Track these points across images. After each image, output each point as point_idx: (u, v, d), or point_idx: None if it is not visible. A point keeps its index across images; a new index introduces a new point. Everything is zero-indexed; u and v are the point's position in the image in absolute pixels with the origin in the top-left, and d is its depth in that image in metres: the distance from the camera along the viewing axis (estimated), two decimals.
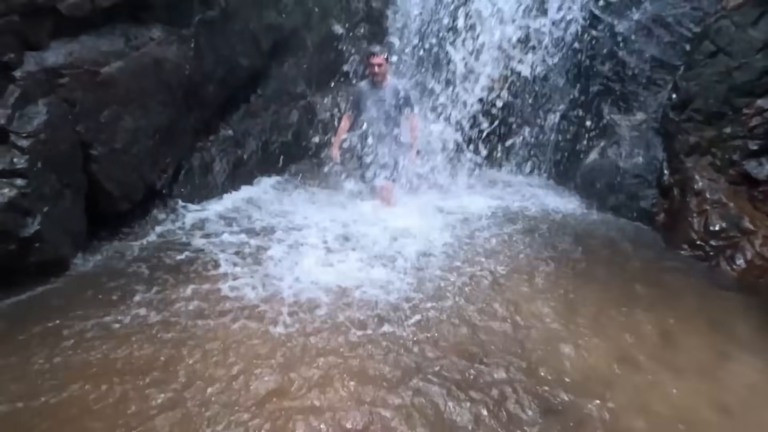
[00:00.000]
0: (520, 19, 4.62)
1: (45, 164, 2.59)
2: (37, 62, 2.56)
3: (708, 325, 2.62)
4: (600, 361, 2.27)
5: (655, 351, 2.36)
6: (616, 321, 2.59)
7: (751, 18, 3.29)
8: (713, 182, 3.34)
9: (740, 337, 2.51)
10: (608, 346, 2.38)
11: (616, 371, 2.21)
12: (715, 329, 2.58)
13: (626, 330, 2.51)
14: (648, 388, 2.12)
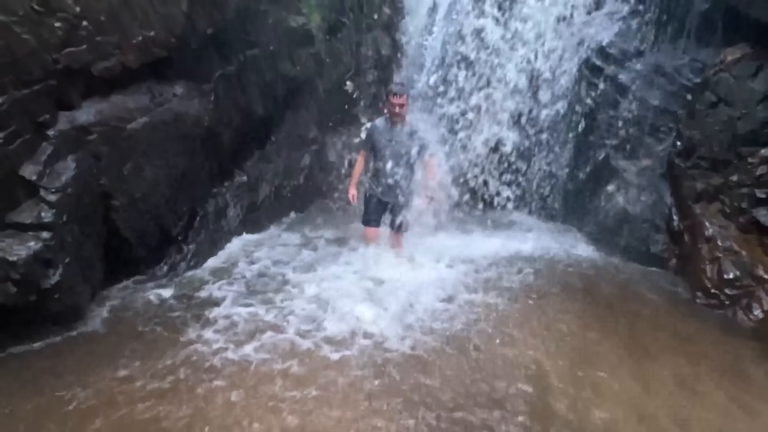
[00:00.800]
0: (525, 66, 4.83)
1: (69, 217, 2.68)
2: (69, 121, 2.70)
3: (726, 374, 2.58)
4: (618, 414, 2.23)
5: (672, 402, 2.32)
6: (632, 370, 2.56)
7: (750, 71, 3.41)
8: (723, 229, 3.37)
9: (760, 388, 2.46)
10: (625, 397, 2.34)
11: (635, 425, 2.17)
12: (733, 379, 2.54)
13: (643, 380, 2.47)
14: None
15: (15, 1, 2.28)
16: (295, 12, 4.68)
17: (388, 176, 3.63)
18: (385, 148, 3.61)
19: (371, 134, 3.71)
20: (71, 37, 2.57)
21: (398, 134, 3.57)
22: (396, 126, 3.57)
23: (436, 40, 6.75)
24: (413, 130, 3.60)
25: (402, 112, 3.49)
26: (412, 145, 3.57)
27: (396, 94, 3.47)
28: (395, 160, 3.60)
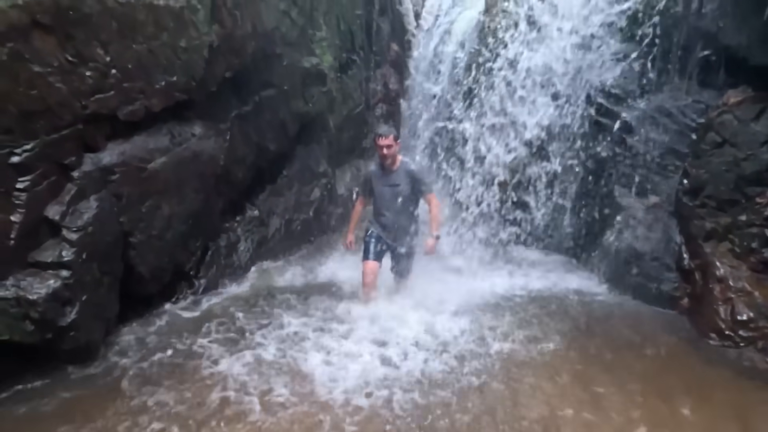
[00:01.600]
0: (530, 104, 4.96)
1: (89, 255, 2.74)
2: (93, 162, 2.81)
3: (744, 420, 2.52)
4: None
5: None
6: (646, 416, 2.51)
7: (752, 113, 3.48)
8: (735, 269, 3.36)
9: None
10: None
11: None
12: (752, 425, 2.48)
13: (658, 425, 2.42)
14: None
15: (51, 53, 2.43)
16: (308, 53, 4.89)
17: (389, 223, 3.54)
18: (382, 195, 3.52)
19: (368, 180, 3.62)
20: (100, 84, 2.71)
21: (393, 177, 3.48)
22: (389, 169, 3.46)
23: (442, 77, 6.99)
24: (407, 169, 3.49)
25: (390, 154, 3.38)
26: (409, 187, 3.47)
27: (381, 136, 3.39)
28: (393, 204, 3.50)
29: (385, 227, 3.57)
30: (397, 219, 3.53)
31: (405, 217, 3.55)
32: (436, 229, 3.53)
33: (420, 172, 3.62)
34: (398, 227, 3.55)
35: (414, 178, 3.49)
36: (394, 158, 3.45)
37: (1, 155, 2.34)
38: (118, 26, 2.73)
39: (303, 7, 4.57)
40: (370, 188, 3.60)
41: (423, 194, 3.54)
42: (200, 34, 3.30)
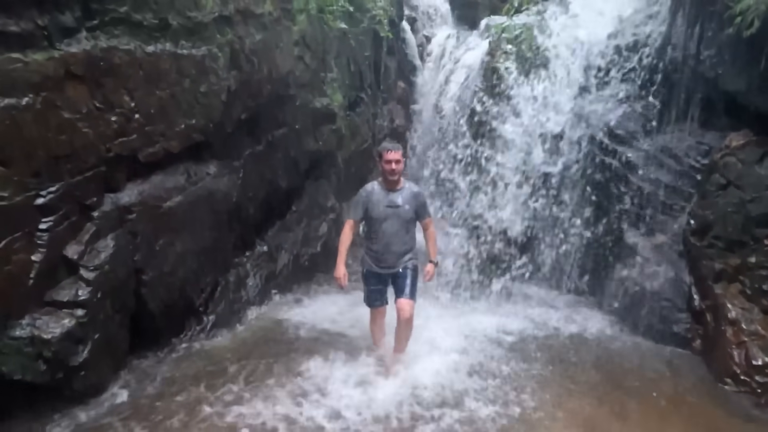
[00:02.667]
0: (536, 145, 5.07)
1: (103, 293, 2.78)
2: (113, 202, 2.89)
3: None
4: None
5: None
6: None
7: (756, 156, 3.55)
8: (747, 312, 3.33)
9: None
10: None
11: None
12: None
13: None
14: None
15: (81, 101, 2.56)
16: (320, 94, 5.08)
17: (388, 250, 3.21)
18: (383, 219, 3.18)
19: (364, 202, 3.24)
20: (124, 128, 2.83)
21: (396, 197, 3.18)
22: (393, 189, 3.19)
23: (447, 114, 7.18)
24: (413, 191, 3.29)
25: (398, 170, 3.15)
26: (412, 209, 3.22)
27: (389, 150, 3.15)
28: (395, 229, 3.19)
29: (380, 256, 3.24)
30: (396, 242, 3.23)
31: (404, 240, 3.27)
32: (434, 254, 3.40)
33: (424, 196, 3.42)
34: (396, 252, 3.24)
35: (419, 201, 3.29)
36: (400, 175, 3.23)
37: (28, 197, 2.42)
38: (144, 74, 2.88)
39: (316, 51, 4.79)
40: (366, 209, 3.25)
41: (422, 218, 3.33)
42: (219, 80, 3.46)
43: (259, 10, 3.83)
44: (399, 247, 3.26)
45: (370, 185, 3.33)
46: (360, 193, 3.36)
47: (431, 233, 3.40)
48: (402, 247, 3.28)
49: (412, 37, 8.27)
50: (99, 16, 2.61)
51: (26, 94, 2.31)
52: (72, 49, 2.47)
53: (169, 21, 3.00)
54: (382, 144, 3.43)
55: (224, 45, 3.47)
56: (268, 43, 3.96)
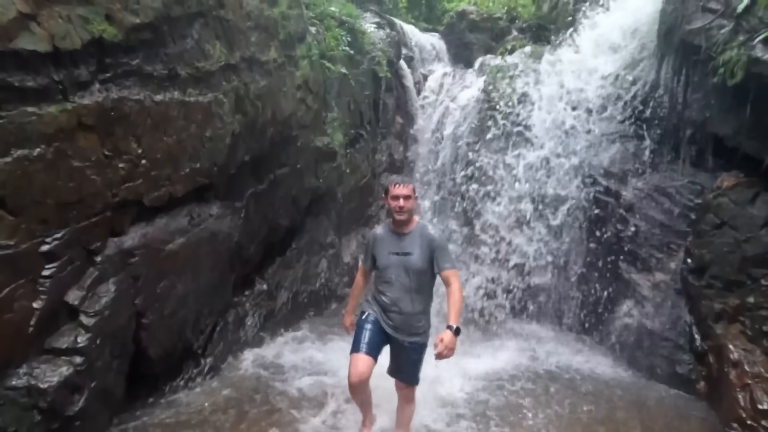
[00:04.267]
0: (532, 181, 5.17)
1: (103, 340, 2.75)
2: (116, 246, 2.91)
3: None
4: None
5: None
6: None
7: (748, 197, 3.63)
8: (749, 353, 3.32)
9: None
10: None
11: None
12: None
13: None
14: None
15: (92, 150, 2.62)
16: (321, 133, 5.20)
17: (395, 306, 2.71)
18: (387, 265, 2.72)
19: (372, 246, 2.85)
20: (131, 174, 2.89)
21: (405, 243, 2.68)
22: (401, 232, 2.71)
23: (444, 150, 7.35)
24: (425, 234, 2.68)
25: (407, 208, 2.64)
26: (424, 258, 2.66)
27: (397, 184, 2.69)
28: (403, 284, 2.68)
29: (386, 309, 2.73)
30: (404, 300, 2.69)
31: (415, 299, 2.70)
32: (456, 319, 2.54)
33: (441, 240, 2.73)
34: (404, 311, 2.69)
35: (433, 247, 2.67)
36: (410, 215, 2.69)
37: (33, 244, 2.43)
38: (152, 122, 2.97)
39: (318, 93, 4.95)
40: (373, 256, 2.83)
41: (441, 270, 2.67)
42: (225, 124, 3.56)
43: (264, 57, 3.98)
44: (407, 307, 2.70)
45: (379, 228, 2.92)
46: (368, 237, 2.97)
47: (454, 290, 2.61)
48: (411, 308, 2.70)
49: (410, 74, 8.57)
50: (112, 69, 2.71)
51: (39, 145, 2.37)
52: (85, 101, 2.56)
53: (178, 71, 3.12)
54: (390, 177, 3.05)
55: (230, 91, 3.59)
56: (272, 88, 4.10)
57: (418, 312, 2.76)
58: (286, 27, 4.31)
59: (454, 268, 2.70)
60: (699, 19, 3.78)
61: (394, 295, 2.73)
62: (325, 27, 5.47)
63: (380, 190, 7.49)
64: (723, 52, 3.39)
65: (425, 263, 2.70)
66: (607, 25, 5.46)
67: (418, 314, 2.76)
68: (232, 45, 3.59)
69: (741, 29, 3.29)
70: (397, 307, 2.73)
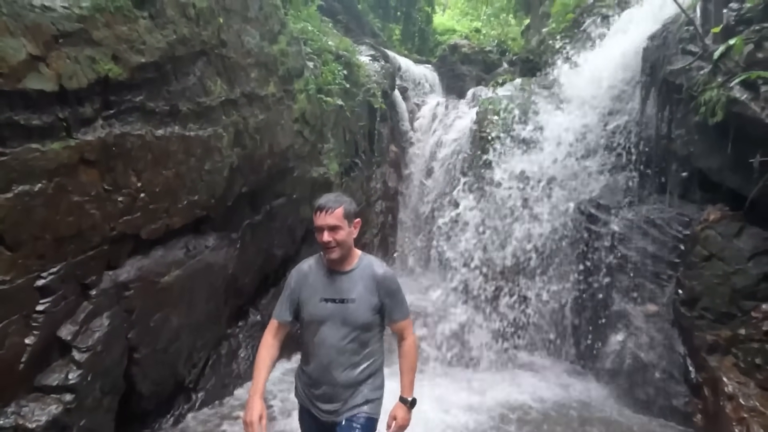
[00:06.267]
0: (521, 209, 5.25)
1: (94, 376, 2.70)
2: (111, 279, 2.89)
3: None
4: None
5: None
6: None
7: (733, 230, 3.73)
8: (744, 386, 3.33)
9: None
10: None
11: None
12: None
13: None
14: None
15: (92, 185, 2.65)
16: (317, 164, 5.29)
17: (326, 375, 1.95)
18: (319, 320, 1.94)
19: (292, 291, 2.03)
20: (129, 207, 2.91)
21: (344, 286, 1.94)
22: (338, 270, 1.96)
23: (437, 178, 7.49)
24: (373, 274, 1.96)
25: (337, 241, 1.88)
26: (370, 305, 1.93)
27: (321, 210, 1.90)
28: (339, 341, 1.93)
29: (314, 384, 1.98)
30: (339, 365, 1.94)
31: (356, 363, 1.96)
32: (410, 388, 2.00)
33: (393, 280, 2.00)
34: (339, 382, 1.95)
35: (382, 290, 1.96)
36: (345, 251, 1.93)
37: (29, 279, 2.42)
38: (153, 156, 3.02)
39: (314, 126, 5.06)
40: (297, 305, 2.01)
41: (393, 322, 2.01)
42: (223, 157, 3.62)
43: (263, 92, 4.09)
44: (345, 373, 1.94)
45: (307, 262, 2.06)
46: (288, 277, 2.08)
47: (408, 349, 2.02)
48: (350, 377, 1.95)
49: (404, 104, 8.82)
50: (116, 106, 2.78)
51: (40, 181, 2.40)
52: (87, 137, 2.61)
53: (179, 107, 3.19)
54: (317, 201, 1.96)
55: (229, 125, 3.67)
56: (270, 122, 4.20)
57: (362, 380, 1.98)
58: (285, 63, 4.45)
59: (408, 318, 2.04)
60: (680, 60, 3.98)
61: (325, 359, 1.93)
62: (322, 61, 5.65)
63: (375, 218, 7.59)
64: (703, 92, 3.56)
65: (371, 313, 1.95)
66: (595, 61, 5.70)
67: (362, 383, 1.98)
68: (232, 81, 3.70)
69: (719, 71, 3.46)
70: (330, 376, 1.93)
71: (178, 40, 3.11)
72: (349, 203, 1.99)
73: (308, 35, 5.67)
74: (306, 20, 6.08)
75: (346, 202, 1.98)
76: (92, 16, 2.57)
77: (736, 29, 3.43)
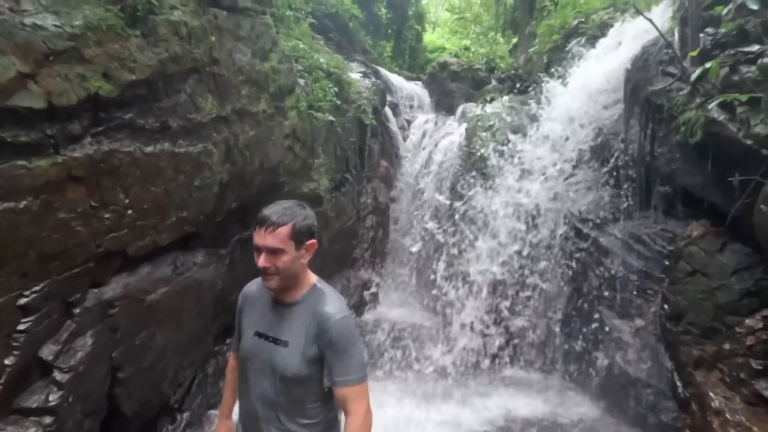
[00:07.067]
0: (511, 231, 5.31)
1: (75, 397, 2.63)
2: (96, 297, 2.85)
3: None
4: None
5: None
6: None
7: (716, 246, 3.81)
8: (729, 401, 3.36)
9: None
10: None
11: None
12: None
13: None
14: None
15: (79, 202, 2.63)
16: (307, 179, 5.30)
17: (254, 423, 1.63)
18: (246, 350, 1.65)
19: (239, 312, 1.80)
20: (117, 224, 2.88)
21: (283, 321, 1.61)
22: (282, 300, 1.63)
23: (427, 192, 7.56)
24: (318, 310, 1.57)
25: (275, 267, 1.57)
26: (309, 352, 1.55)
27: (262, 224, 1.61)
28: (264, 389, 1.59)
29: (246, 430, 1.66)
30: (270, 425, 1.60)
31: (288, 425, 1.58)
32: None
33: (344, 328, 1.55)
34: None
35: (325, 337, 1.54)
36: (291, 280, 1.60)
37: (11, 298, 2.38)
38: (142, 173, 3.00)
39: (305, 142, 5.09)
40: (240, 329, 1.76)
41: (334, 385, 1.54)
42: (213, 173, 3.62)
43: (254, 109, 4.12)
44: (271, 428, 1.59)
45: (255, 283, 1.79)
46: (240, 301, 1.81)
47: (352, 428, 1.51)
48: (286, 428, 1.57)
49: (394, 120, 8.93)
50: (105, 123, 2.77)
51: (26, 198, 2.37)
52: (75, 154, 2.59)
53: (170, 123, 3.20)
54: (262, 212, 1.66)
55: (220, 142, 3.68)
56: (260, 138, 4.22)
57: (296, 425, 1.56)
58: (277, 80, 4.50)
59: (358, 384, 1.50)
60: (660, 82, 4.11)
61: (254, 411, 1.59)
62: (313, 78, 5.72)
63: (365, 233, 7.59)
64: (683, 113, 3.67)
65: (306, 365, 1.53)
66: (581, 80, 5.86)
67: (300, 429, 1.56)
68: (224, 98, 3.72)
69: (697, 92, 3.58)
70: (257, 425, 1.59)
71: (169, 58, 3.14)
72: (302, 219, 1.56)
73: (300, 53, 5.74)
74: (298, 38, 6.17)
75: (298, 217, 1.55)
76: (84, 34, 2.59)
77: (712, 53, 3.57)
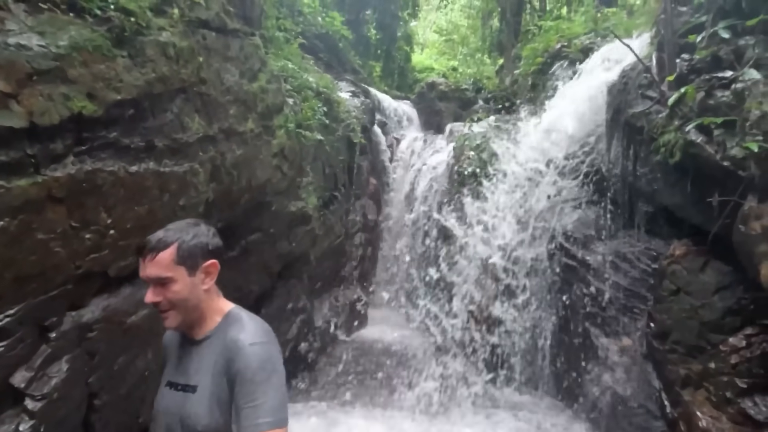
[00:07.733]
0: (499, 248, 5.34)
1: (48, 426, 2.52)
2: (74, 320, 2.76)
3: None
4: None
5: None
6: None
7: (698, 265, 3.86)
8: (716, 420, 3.36)
9: None
10: None
11: None
12: None
13: None
14: None
15: (58, 221, 2.57)
16: (295, 198, 5.29)
17: None
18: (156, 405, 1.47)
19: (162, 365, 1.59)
20: (98, 244, 2.82)
21: (189, 361, 1.43)
22: (192, 338, 1.45)
23: (417, 210, 7.60)
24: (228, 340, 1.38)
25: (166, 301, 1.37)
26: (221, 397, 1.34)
27: (141, 252, 1.40)
28: None
29: None
30: None
31: None
32: None
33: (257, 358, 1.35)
34: None
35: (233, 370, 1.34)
36: (193, 314, 1.42)
37: None
38: (126, 192, 2.96)
39: (293, 161, 5.09)
40: None
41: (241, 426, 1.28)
42: (199, 193, 3.58)
43: (241, 128, 4.13)
44: None
45: None
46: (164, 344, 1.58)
47: None
48: None
49: (383, 138, 9.03)
50: (89, 142, 2.74)
51: (3, 218, 2.31)
52: (57, 174, 2.55)
53: (155, 143, 3.18)
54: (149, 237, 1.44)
55: (206, 161, 3.66)
56: (248, 157, 4.21)
57: None
58: (265, 100, 4.52)
59: (275, 428, 1.26)
60: (640, 105, 4.23)
61: None
62: (302, 98, 5.77)
63: (354, 251, 7.56)
64: (662, 134, 3.78)
65: (219, 411, 1.32)
66: (566, 99, 6.01)
67: None
68: (211, 117, 3.72)
69: (675, 115, 3.69)
70: None
71: (157, 79, 3.14)
72: (190, 238, 1.33)
73: (289, 72, 5.81)
74: (287, 58, 6.24)
75: (184, 236, 1.32)
76: (69, 54, 2.58)
77: (688, 77, 3.70)
